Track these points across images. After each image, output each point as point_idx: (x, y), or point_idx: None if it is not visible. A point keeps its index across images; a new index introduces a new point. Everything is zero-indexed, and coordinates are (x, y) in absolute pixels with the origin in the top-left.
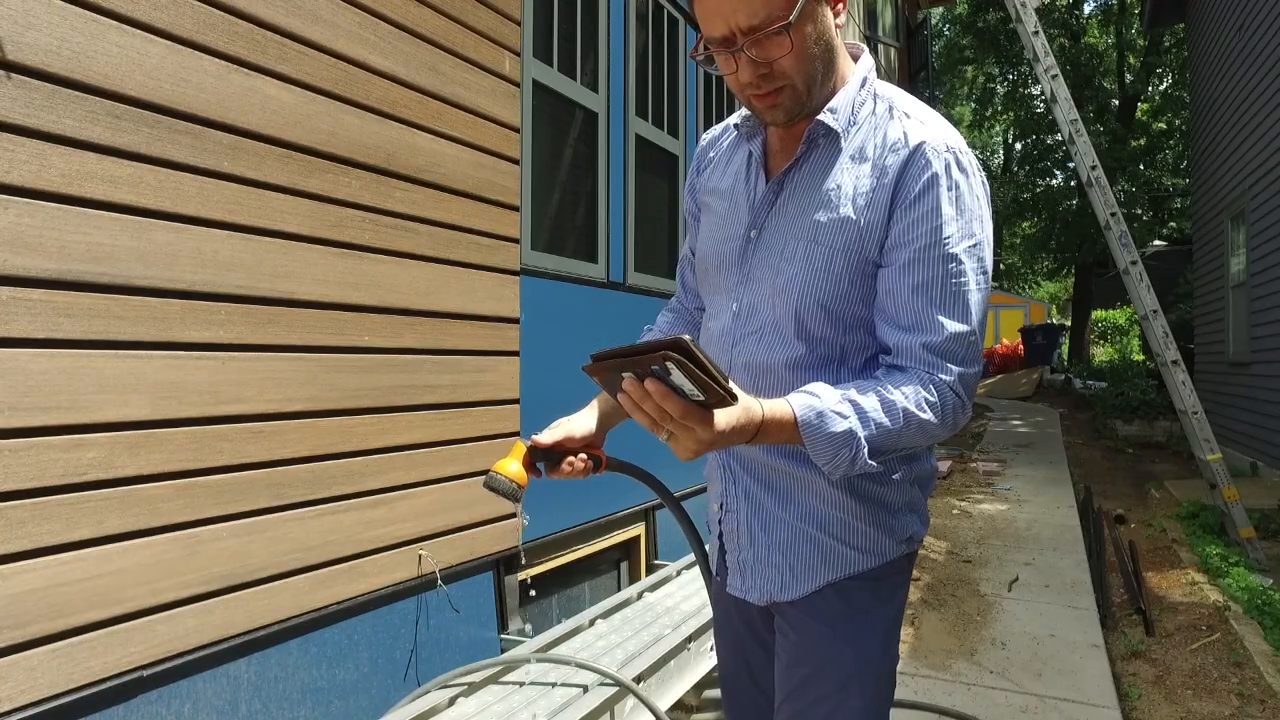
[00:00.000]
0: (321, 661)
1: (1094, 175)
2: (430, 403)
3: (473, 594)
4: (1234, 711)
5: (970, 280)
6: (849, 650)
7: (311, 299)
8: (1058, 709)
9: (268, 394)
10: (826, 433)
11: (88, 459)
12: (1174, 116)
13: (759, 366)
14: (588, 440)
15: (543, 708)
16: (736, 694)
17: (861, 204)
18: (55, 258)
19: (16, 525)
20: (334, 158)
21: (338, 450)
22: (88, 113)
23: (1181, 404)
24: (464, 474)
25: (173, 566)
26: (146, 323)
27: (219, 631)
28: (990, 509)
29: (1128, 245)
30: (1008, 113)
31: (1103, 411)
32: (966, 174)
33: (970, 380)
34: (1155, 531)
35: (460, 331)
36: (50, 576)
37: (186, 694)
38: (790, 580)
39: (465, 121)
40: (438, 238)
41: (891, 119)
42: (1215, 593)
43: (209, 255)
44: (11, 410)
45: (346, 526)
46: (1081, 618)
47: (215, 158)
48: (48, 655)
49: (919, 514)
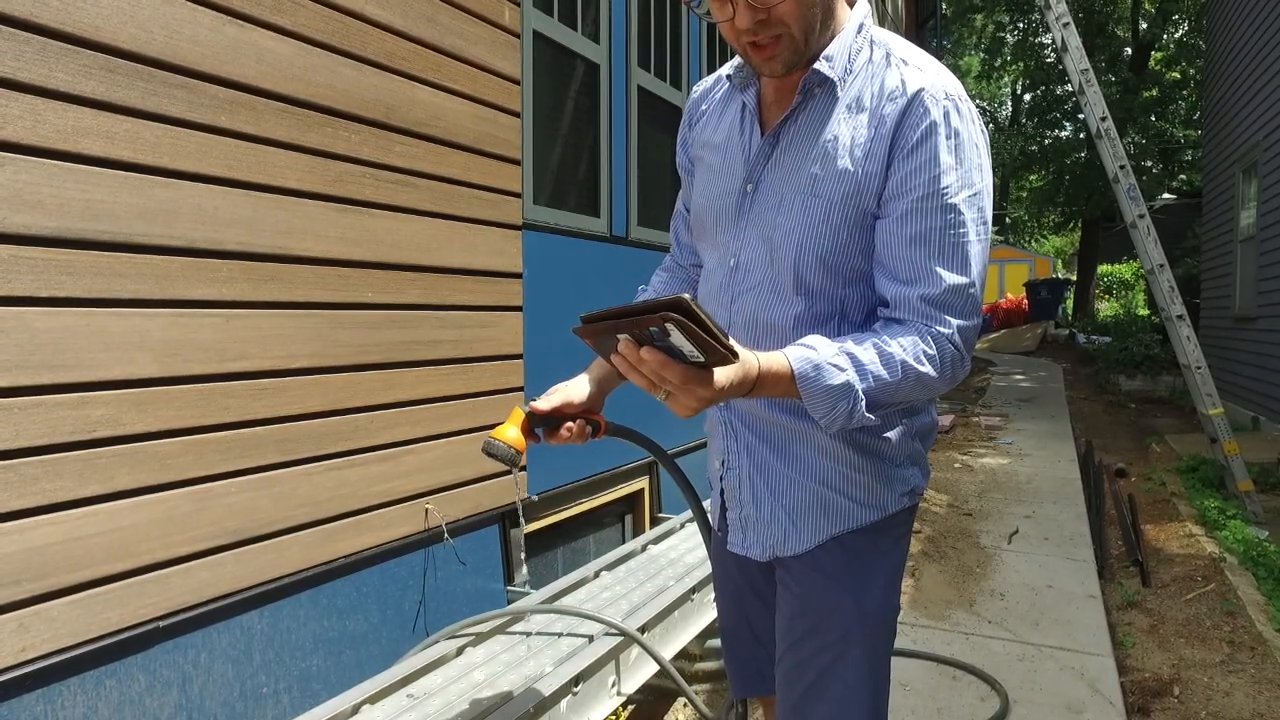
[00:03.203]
0: (332, 613)
1: (1103, 127)
2: (434, 358)
3: (479, 547)
4: (1224, 658)
5: (969, 231)
6: (850, 601)
7: (313, 255)
8: (1053, 657)
9: (272, 351)
10: (823, 385)
11: (96, 416)
12: (1188, 65)
13: (758, 322)
14: (586, 405)
15: (549, 657)
16: (736, 647)
17: (859, 155)
18: (55, 215)
19: (31, 481)
20: (332, 111)
21: (342, 406)
22: (81, 66)
23: (1185, 359)
24: (469, 429)
25: (184, 521)
26: (149, 280)
27: (231, 584)
28: (992, 463)
29: (1136, 199)
30: (1017, 63)
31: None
32: (966, 122)
33: (969, 333)
34: (1155, 485)
35: (463, 287)
36: (66, 531)
37: (202, 644)
38: (792, 535)
39: (465, 74)
40: (439, 192)
41: (889, 66)
42: (1212, 545)
43: (209, 212)
44: (19, 368)
45: (353, 481)
46: (1079, 569)
47: (212, 112)
48: (67, 606)
49: (920, 466)
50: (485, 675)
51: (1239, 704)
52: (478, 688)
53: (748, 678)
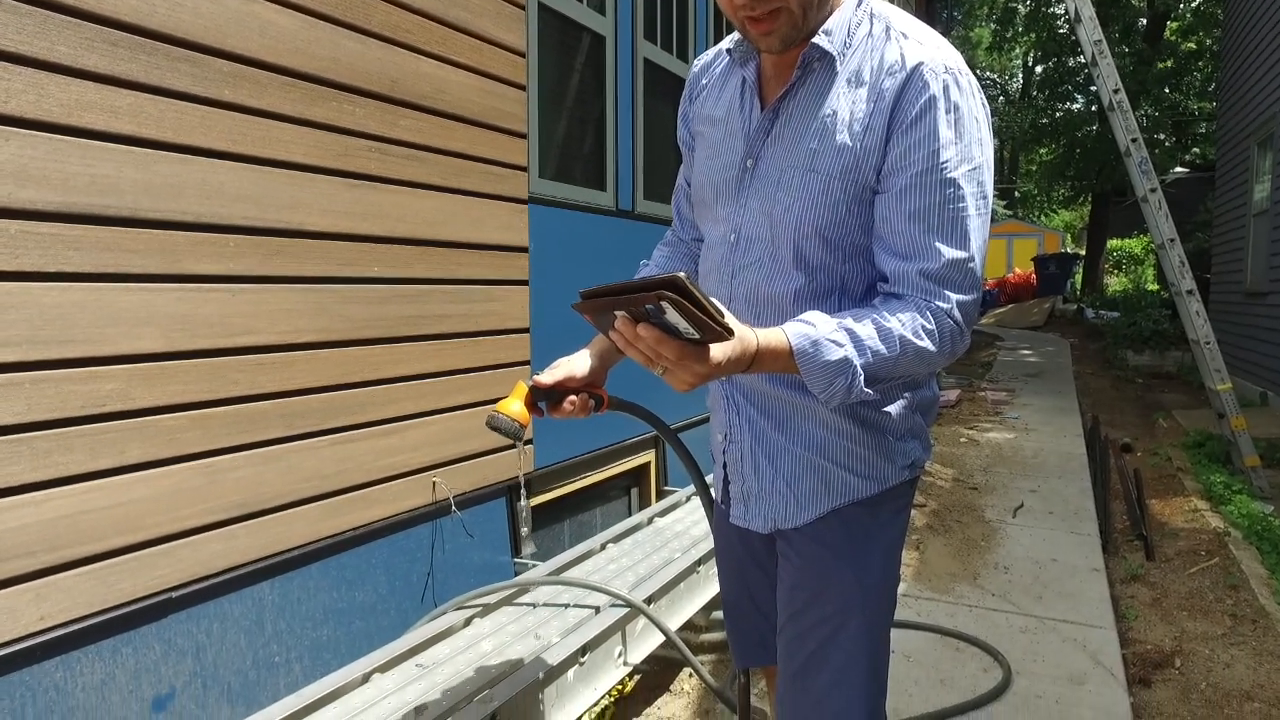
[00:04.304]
0: (341, 584)
1: (1116, 99)
2: (441, 332)
3: (486, 519)
4: (1226, 631)
5: (969, 205)
6: (850, 572)
7: (319, 230)
8: (1056, 629)
9: (279, 325)
10: (821, 361)
11: (105, 391)
12: (1205, 36)
13: (759, 297)
14: (588, 380)
15: (556, 628)
16: (738, 618)
17: (858, 130)
18: (60, 190)
19: (43, 455)
20: (337, 85)
21: (349, 380)
22: (83, 39)
23: (1194, 333)
24: (475, 403)
25: (193, 494)
26: (155, 255)
27: (241, 556)
28: (998, 437)
29: (1148, 172)
30: (1029, 34)
31: (1114, 341)
32: (966, 95)
33: (969, 307)
34: (1161, 460)
35: (469, 261)
36: (78, 504)
37: (214, 614)
38: (794, 507)
39: (470, 46)
40: (445, 166)
41: (889, 40)
42: (1216, 519)
43: (214, 186)
44: (29, 343)
45: (360, 455)
46: (1083, 543)
47: (216, 86)
48: (82, 577)
49: (921, 440)
50: (493, 645)
51: (1239, 675)
52: (485, 657)
53: (750, 648)
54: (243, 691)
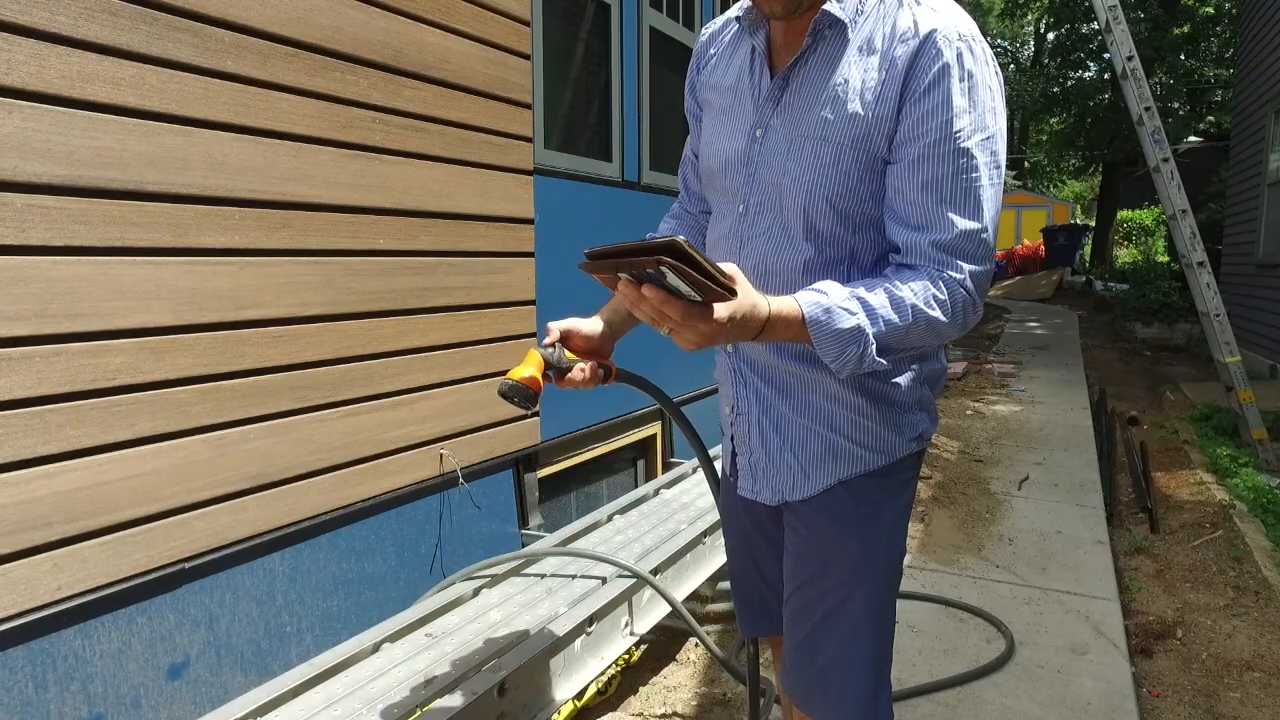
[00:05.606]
0: (350, 555)
1: (1129, 67)
2: (447, 304)
3: (494, 491)
4: (1229, 602)
5: (982, 175)
6: (856, 544)
7: (325, 202)
8: (1060, 601)
9: (286, 298)
10: (833, 329)
11: (115, 364)
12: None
13: (768, 267)
14: (594, 341)
15: (563, 599)
16: (745, 589)
17: (870, 98)
18: (64, 163)
19: (55, 429)
20: (340, 55)
21: (357, 353)
22: (84, 10)
23: (1204, 306)
24: (482, 375)
25: (204, 467)
26: (162, 229)
27: (252, 528)
28: (1004, 410)
29: (1160, 142)
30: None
31: (1122, 314)
32: (980, 64)
33: (981, 278)
34: (1167, 433)
35: (475, 233)
36: (91, 476)
37: (227, 585)
38: (802, 480)
39: (473, 15)
40: (449, 137)
41: (901, 6)
42: (1222, 492)
43: (219, 159)
44: (39, 317)
45: (368, 427)
46: (1088, 516)
47: (218, 57)
48: (96, 548)
49: (928, 412)
50: (501, 615)
51: (1240, 645)
52: (494, 627)
53: (756, 618)
54: (255, 660)
